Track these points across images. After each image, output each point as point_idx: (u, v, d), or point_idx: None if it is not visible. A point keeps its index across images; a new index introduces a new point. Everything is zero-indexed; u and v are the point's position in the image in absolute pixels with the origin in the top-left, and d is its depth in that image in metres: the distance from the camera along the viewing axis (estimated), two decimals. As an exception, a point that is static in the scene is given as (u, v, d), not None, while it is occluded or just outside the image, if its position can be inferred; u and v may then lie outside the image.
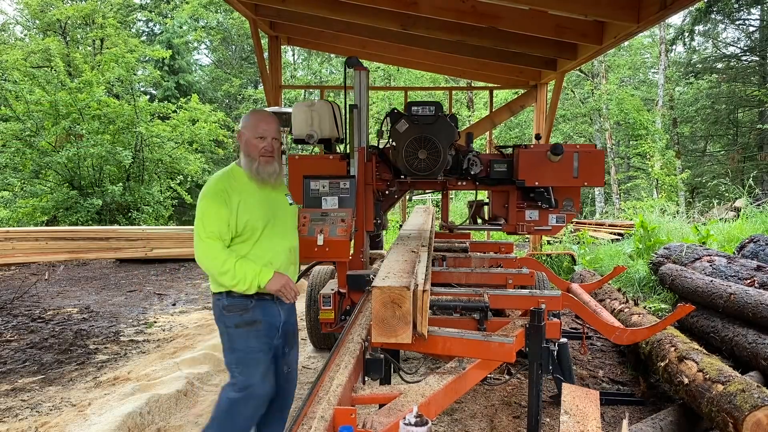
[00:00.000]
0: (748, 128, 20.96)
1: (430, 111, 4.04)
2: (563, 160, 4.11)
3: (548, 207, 4.30)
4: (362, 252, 3.82)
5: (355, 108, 3.82)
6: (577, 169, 4.13)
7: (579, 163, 4.12)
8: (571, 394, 2.42)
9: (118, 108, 14.63)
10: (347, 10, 6.25)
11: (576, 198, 4.39)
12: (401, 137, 4.07)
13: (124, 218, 14.51)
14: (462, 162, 4.33)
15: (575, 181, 4.15)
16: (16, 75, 14.21)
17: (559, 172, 4.14)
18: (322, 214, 3.47)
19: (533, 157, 4.15)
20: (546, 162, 4.13)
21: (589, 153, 4.16)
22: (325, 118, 4.16)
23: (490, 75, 8.84)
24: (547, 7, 4.76)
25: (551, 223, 4.41)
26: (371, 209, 3.92)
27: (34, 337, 5.70)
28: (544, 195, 4.26)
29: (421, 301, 2.28)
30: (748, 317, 4.23)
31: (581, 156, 4.13)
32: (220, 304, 2.66)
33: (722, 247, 7.45)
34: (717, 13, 18.95)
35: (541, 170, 4.14)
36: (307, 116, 4.17)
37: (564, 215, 4.39)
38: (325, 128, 4.18)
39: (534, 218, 4.41)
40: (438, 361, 4.37)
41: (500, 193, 4.57)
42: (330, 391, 1.91)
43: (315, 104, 4.21)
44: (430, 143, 4.03)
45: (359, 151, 3.85)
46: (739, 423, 2.82)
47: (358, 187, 3.75)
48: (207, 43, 28.84)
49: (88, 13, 19.59)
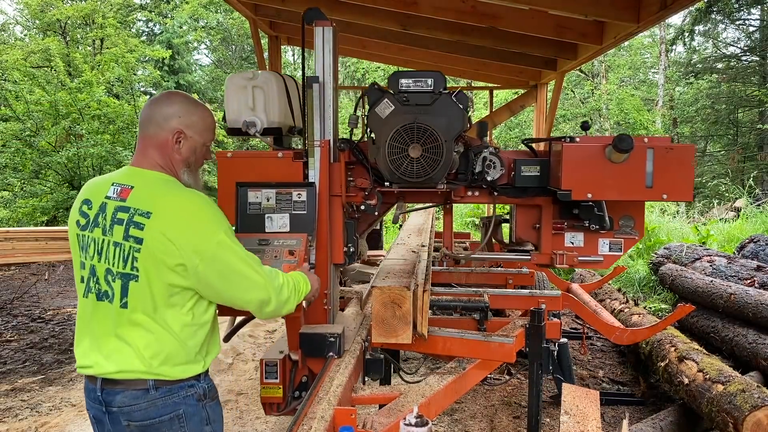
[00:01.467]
0: (748, 128, 20.96)
1: (427, 85, 2.76)
2: (631, 160, 2.70)
3: (599, 228, 2.97)
4: (326, 296, 2.57)
5: (315, 82, 2.60)
6: (652, 174, 2.70)
7: (655, 165, 2.70)
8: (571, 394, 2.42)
9: (118, 108, 14.64)
10: (347, 10, 6.25)
11: (638, 214, 3.03)
12: (384, 125, 2.73)
13: (124, 218, 14.53)
14: (474, 162, 2.98)
15: (649, 192, 2.72)
16: (16, 75, 14.22)
17: (625, 178, 2.72)
18: (261, 242, 2.37)
19: (584, 156, 2.75)
20: (604, 163, 2.73)
21: (672, 150, 2.70)
22: (272, 97, 2.83)
23: (490, 75, 8.83)
24: (547, 7, 4.75)
25: (602, 252, 3.07)
26: (340, 232, 2.70)
27: (34, 337, 5.70)
28: (594, 211, 2.94)
29: (421, 301, 2.28)
30: (748, 317, 4.23)
31: (659, 154, 2.69)
32: (198, 391, 1.73)
33: (722, 247, 7.45)
34: (717, 13, 18.94)
35: (597, 176, 2.75)
36: (246, 95, 2.84)
37: (621, 240, 3.05)
38: (273, 113, 2.84)
39: (577, 244, 3.09)
40: (438, 361, 4.36)
41: (529, 209, 3.17)
42: (330, 391, 1.91)
43: (258, 77, 2.85)
44: (426, 135, 2.68)
45: (322, 147, 2.62)
46: (739, 423, 2.82)
47: (320, 200, 2.58)
48: (207, 43, 28.84)
49: (88, 13, 19.58)
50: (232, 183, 2.59)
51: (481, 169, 2.97)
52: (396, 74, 2.79)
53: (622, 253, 3.07)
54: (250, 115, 2.81)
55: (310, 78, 2.60)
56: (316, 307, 2.51)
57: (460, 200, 3.17)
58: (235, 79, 2.88)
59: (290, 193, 2.55)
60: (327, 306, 2.56)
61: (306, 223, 2.51)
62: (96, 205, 1.70)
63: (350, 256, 2.76)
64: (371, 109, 2.77)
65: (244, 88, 2.83)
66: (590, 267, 3.51)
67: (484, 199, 3.15)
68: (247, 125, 2.78)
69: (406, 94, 2.75)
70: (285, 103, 2.89)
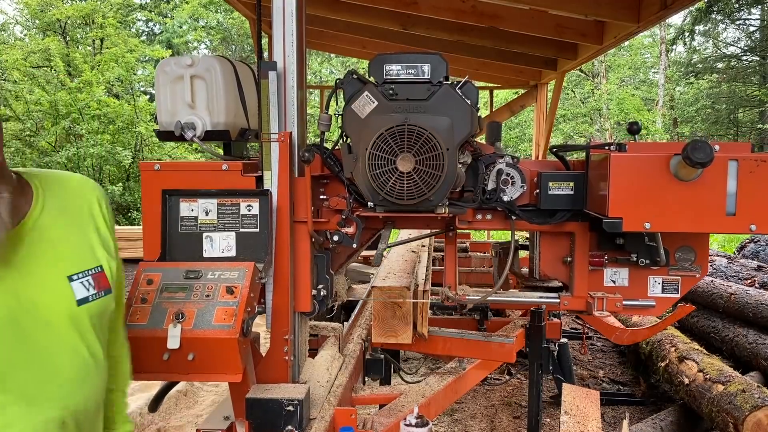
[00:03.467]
0: (749, 128, 20.97)
1: (422, 73, 2.05)
2: (706, 176, 1.88)
3: (650, 263, 2.27)
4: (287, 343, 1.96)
5: (271, 69, 1.97)
6: (736, 196, 1.88)
7: (739, 182, 1.88)
8: (572, 394, 2.42)
9: (118, 108, 14.63)
10: (347, 10, 6.25)
11: (702, 247, 2.30)
12: (364, 128, 2.04)
13: (124, 218, 14.52)
14: (485, 177, 2.23)
15: (731, 222, 1.90)
16: (16, 75, 14.22)
17: (698, 202, 1.90)
18: (189, 275, 1.74)
19: (641, 171, 1.93)
20: (670, 181, 1.91)
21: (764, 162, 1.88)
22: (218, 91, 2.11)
23: (490, 75, 8.83)
24: (547, 7, 4.75)
25: (653, 294, 2.35)
26: (307, 270, 2.03)
27: (34, 337, 5.70)
28: (644, 241, 2.25)
29: (422, 301, 2.27)
30: (748, 317, 4.23)
31: (745, 168, 1.88)
32: None
33: (722, 247, 7.45)
34: (717, 13, 18.95)
35: (659, 198, 1.92)
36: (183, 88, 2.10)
37: (678, 278, 2.33)
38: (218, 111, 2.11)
39: (620, 283, 2.36)
40: (438, 361, 4.36)
41: (557, 237, 2.40)
42: (330, 391, 1.91)
43: (198, 63, 2.11)
44: (421, 140, 1.97)
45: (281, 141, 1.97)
46: (740, 423, 2.82)
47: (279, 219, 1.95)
48: (207, 43, 28.83)
49: (88, 12, 19.56)
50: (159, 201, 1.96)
51: (495, 186, 2.23)
52: (380, 58, 2.06)
53: (679, 296, 2.37)
54: (188, 114, 2.10)
55: (265, 65, 1.97)
56: (272, 357, 1.93)
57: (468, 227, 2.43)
58: (167, 67, 2.11)
59: (237, 204, 1.92)
60: (288, 357, 1.94)
61: (257, 245, 1.87)
62: None
63: (320, 302, 2.07)
64: (347, 106, 2.07)
65: (180, 79, 2.10)
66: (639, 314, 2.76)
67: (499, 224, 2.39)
68: (183, 127, 2.08)
69: (393, 84, 2.03)
70: (235, 98, 2.18)
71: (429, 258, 3.30)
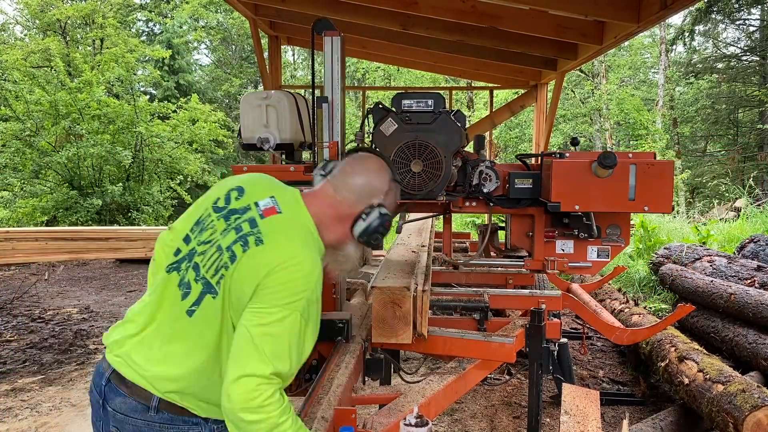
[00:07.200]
0: (749, 128, 20.96)
1: (427, 106, 3.03)
2: (615, 175, 2.90)
3: (587, 237, 3.21)
4: (335, 286, 2.81)
5: (324, 102, 2.85)
6: (635, 188, 2.91)
7: (637, 179, 2.91)
8: (572, 394, 2.42)
9: (118, 108, 14.62)
10: (347, 10, 6.25)
11: (625, 224, 3.27)
12: (388, 142, 2.98)
13: (124, 218, 14.52)
14: (471, 176, 3.24)
15: (631, 205, 2.95)
16: (16, 75, 14.21)
17: (609, 192, 2.92)
18: None
19: (572, 171, 2.95)
20: (591, 178, 2.93)
21: (652, 166, 2.91)
22: (284, 115, 3.17)
23: (490, 75, 8.84)
24: (547, 7, 4.75)
25: (590, 258, 3.28)
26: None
27: (34, 337, 5.70)
28: (583, 221, 3.18)
29: (421, 301, 2.28)
30: (748, 317, 4.23)
31: (641, 170, 2.90)
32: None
33: (722, 247, 7.45)
34: (717, 13, 18.95)
35: (584, 189, 2.95)
36: (261, 113, 3.17)
37: (608, 247, 3.28)
38: (285, 129, 3.17)
39: (567, 251, 3.34)
40: (438, 361, 4.36)
41: (522, 218, 3.44)
42: (330, 391, 1.91)
43: (271, 96, 3.20)
44: (427, 151, 2.95)
45: (331, 147, 2.83)
46: (740, 423, 2.82)
47: None
48: (207, 43, 28.83)
49: (88, 13, 19.57)
50: None
51: (477, 182, 3.24)
52: (399, 95, 3.05)
53: (609, 260, 3.32)
54: (264, 131, 3.14)
55: (320, 99, 2.88)
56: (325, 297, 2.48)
57: (459, 210, 3.44)
58: (249, 99, 3.20)
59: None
60: (335, 295, 2.77)
61: None
62: (243, 202, 1.51)
63: None
64: (376, 127, 3.03)
65: (259, 107, 3.15)
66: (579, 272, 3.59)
67: (481, 209, 3.41)
68: (261, 141, 3.13)
69: (408, 113, 3.01)
70: (296, 120, 3.20)
71: (429, 258, 3.31)
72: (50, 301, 7.31)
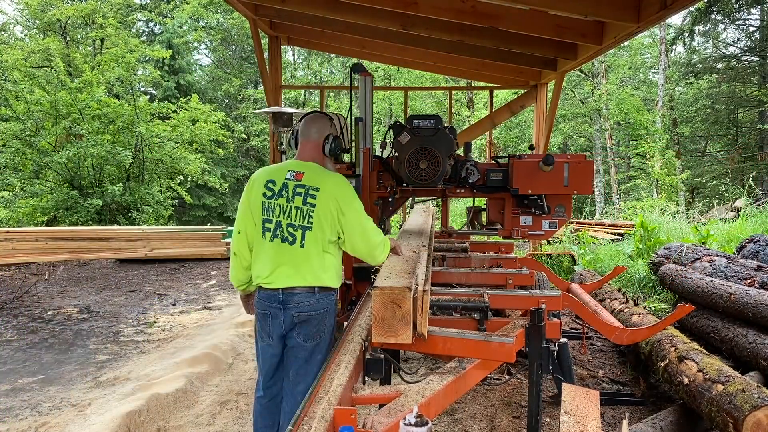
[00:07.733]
0: (748, 128, 20.96)
1: (430, 124, 4.33)
2: (554, 170, 4.43)
3: (541, 213, 4.61)
4: None
5: (360, 121, 4.14)
6: (567, 178, 4.46)
7: (569, 173, 4.45)
8: (571, 394, 2.42)
9: (118, 108, 14.62)
10: (347, 10, 6.25)
11: (568, 204, 4.68)
12: (403, 148, 4.34)
13: (124, 218, 14.51)
14: (460, 171, 4.61)
15: (565, 189, 4.50)
16: (16, 75, 14.21)
17: (551, 181, 4.47)
18: None
19: (526, 167, 4.49)
20: (538, 172, 4.45)
21: (579, 164, 4.49)
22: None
23: (490, 75, 8.84)
24: (547, 7, 4.76)
25: (544, 228, 4.70)
26: (375, 211, 4.28)
27: (34, 337, 5.71)
28: (537, 202, 4.57)
29: (422, 301, 2.27)
30: (748, 317, 4.23)
31: (571, 166, 4.47)
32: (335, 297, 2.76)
33: (722, 247, 7.45)
34: (717, 13, 18.95)
35: (534, 179, 4.48)
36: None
37: (556, 221, 4.68)
38: None
39: (528, 223, 4.71)
40: (438, 361, 4.36)
41: (496, 200, 4.83)
42: (330, 391, 1.91)
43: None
44: (430, 154, 4.31)
45: (365, 151, 4.18)
46: (739, 423, 2.82)
47: (362, 189, 4.06)
48: (207, 43, 28.82)
49: (88, 13, 19.58)
50: None
51: (465, 175, 4.66)
52: (411, 117, 4.40)
53: (557, 229, 4.77)
54: None
55: (358, 119, 4.20)
56: None
57: (452, 195, 4.98)
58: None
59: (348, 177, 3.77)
60: None
61: None
62: (279, 184, 2.63)
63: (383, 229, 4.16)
64: (395, 138, 4.40)
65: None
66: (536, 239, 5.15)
67: (468, 194, 4.88)
68: None
69: (417, 128, 4.37)
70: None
71: (429, 258, 3.31)
72: (50, 301, 7.31)
